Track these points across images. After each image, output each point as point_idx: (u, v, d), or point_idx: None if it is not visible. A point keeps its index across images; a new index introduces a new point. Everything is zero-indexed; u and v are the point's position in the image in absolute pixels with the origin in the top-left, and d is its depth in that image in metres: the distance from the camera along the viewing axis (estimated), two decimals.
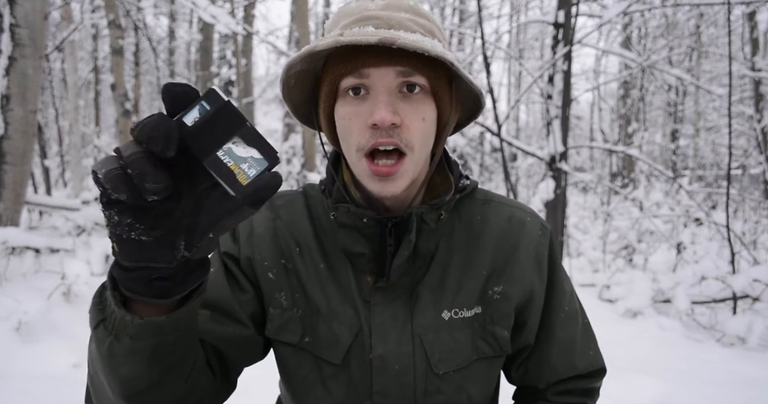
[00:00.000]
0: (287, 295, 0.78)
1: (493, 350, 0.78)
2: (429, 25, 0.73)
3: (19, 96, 3.85)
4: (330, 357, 0.75)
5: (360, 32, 0.65)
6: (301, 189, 0.86)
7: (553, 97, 4.93)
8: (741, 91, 11.97)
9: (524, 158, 11.47)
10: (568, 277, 0.87)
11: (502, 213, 0.83)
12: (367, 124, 0.68)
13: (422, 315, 0.75)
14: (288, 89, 0.75)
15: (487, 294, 0.78)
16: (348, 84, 0.69)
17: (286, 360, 0.79)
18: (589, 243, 6.56)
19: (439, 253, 0.78)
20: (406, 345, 0.74)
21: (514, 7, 11.55)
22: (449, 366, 0.75)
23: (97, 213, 4.72)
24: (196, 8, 4.71)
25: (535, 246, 0.81)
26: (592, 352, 0.86)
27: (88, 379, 0.64)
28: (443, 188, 0.79)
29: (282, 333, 0.77)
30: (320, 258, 0.78)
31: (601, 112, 14.27)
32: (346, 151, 0.73)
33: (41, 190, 7.94)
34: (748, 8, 7.88)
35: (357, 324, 0.75)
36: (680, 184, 5.58)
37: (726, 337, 3.77)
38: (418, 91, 0.70)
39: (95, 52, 10.38)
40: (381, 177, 0.69)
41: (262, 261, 0.79)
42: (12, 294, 3.19)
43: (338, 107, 0.72)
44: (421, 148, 0.71)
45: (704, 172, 13.31)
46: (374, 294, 0.75)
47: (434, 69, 0.70)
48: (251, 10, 11.49)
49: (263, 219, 0.81)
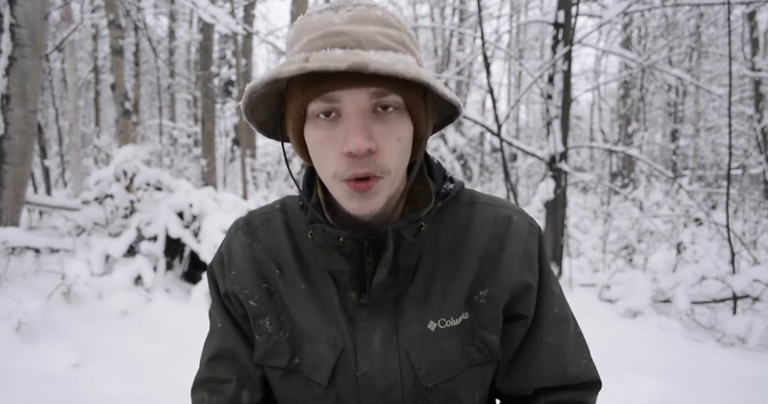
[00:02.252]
0: (272, 319, 0.77)
1: (483, 355, 0.75)
2: (399, 36, 0.68)
3: (19, 96, 3.85)
4: (317, 377, 0.74)
5: (327, 56, 0.60)
6: (278, 204, 0.84)
7: (553, 97, 4.93)
8: (741, 91, 11.97)
9: (524, 158, 11.48)
10: (557, 281, 0.83)
11: (488, 215, 0.79)
12: (342, 151, 0.64)
13: (407, 328, 0.73)
14: (251, 110, 0.71)
15: (473, 299, 0.75)
16: (317, 108, 0.65)
17: (276, 384, 0.79)
18: (589, 243, 6.56)
19: (422, 264, 0.75)
20: (392, 361, 0.73)
21: (514, 7, 11.56)
22: (438, 377, 0.73)
23: (97, 213, 4.72)
24: (196, 8, 4.71)
25: (523, 245, 0.77)
26: (585, 361, 0.80)
27: None
28: (423, 198, 0.76)
29: (270, 358, 0.77)
30: (301, 278, 0.77)
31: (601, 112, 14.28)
32: (321, 174, 0.70)
33: (41, 190, 7.94)
34: (748, 8, 7.88)
35: (341, 343, 0.74)
36: (680, 184, 5.57)
37: (726, 337, 3.77)
38: (392, 110, 0.66)
39: (95, 52, 10.39)
40: (359, 193, 0.66)
41: (243, 290, 0.78)
42: (12, 294, 3.19)
43: (308, 130, 0.68)
44: (397, 169, 0.68)
45: (704, 172, 13.31)
46: (359, 310, 0.73)
47: (408, 86, 0.66)
48: (251, 10, 11.48)
49: (240, 245, 0.80)
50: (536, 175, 12.48)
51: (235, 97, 9.56)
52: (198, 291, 4.01)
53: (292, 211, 0.82)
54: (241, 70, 8.25)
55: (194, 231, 4.41)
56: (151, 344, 3.21)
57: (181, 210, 4.45)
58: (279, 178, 11.47)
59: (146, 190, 4.96)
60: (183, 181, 4.94)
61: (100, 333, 3.23)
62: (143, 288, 3.96)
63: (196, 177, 11.33)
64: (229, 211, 4.56)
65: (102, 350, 3.01)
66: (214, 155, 9.61)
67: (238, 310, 0.80)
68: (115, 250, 4.16)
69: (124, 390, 2.56)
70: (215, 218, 4.32)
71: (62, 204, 4.97)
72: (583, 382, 0.79)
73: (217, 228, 4.25)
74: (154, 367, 2.86)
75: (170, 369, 2.82)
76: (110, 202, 4.65)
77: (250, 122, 0.74)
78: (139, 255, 4.17)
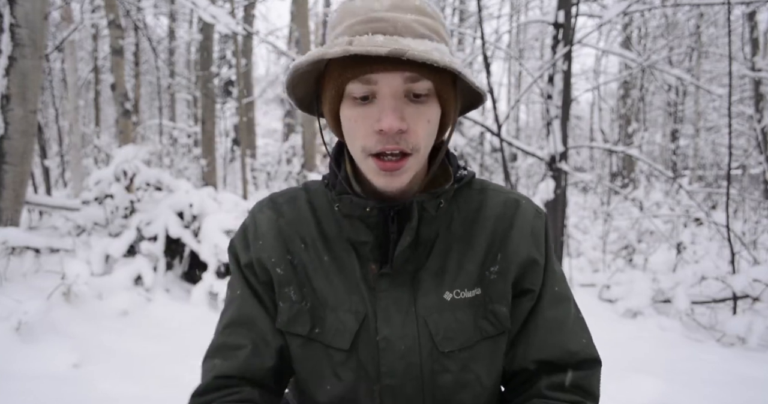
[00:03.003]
0: (296, 289, 0.81)
1: (495, 328, 0.79)
2: (434, 25, 0.74)
3: (19, 96, 3.85)
4: (339, 344, 0.78)
5: (369, 41, 0.66)
6: (302, 185, 0.89)
7: (553, 97, 4.93)
8: (741, 91, 11.96)
9: (524, 158, 11.47)
10: (558, 264, 0.88)
11: (498, 199, 0.85)
12: (374, 129, 0.70)
13: (425, 298, 0.78)
14: (293, 86, 0.78)
15: (485, 275, 0.80)
16: (354, 89, 0.71)
17: (295, 351, 0.82)
18: (589, 243, 6.56)
19: (439, 241, 0.80)
20: (411, 326, 0.77)
21: (514, 7, 11.55)
22: (454, 344, 0.77)
23: (97, 213, 4.71)
24: (196, 8, 4.71)
25: (530, 225, 0.83)
26: (585, 340, 0.82)
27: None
28: (443, 179, 0.83)
29: (292, 325, 0.81)
30: (324, 251, 0.81)
31: (601, 112, 14.28)
32: (352, 149, 0.76)
33: (41, 190, 7.93)
34: (748, 8, 7.88)
35: (363, 310, 0.78)
36: (680, 184, 5.57)
37: (726, 337, 3.77)
38: (424, 95, 0.71)
39: (95, 52, 10.39)
40: (387, 172, 0.72)
41: (270, 258, 0.82)
42: (12, 294, 3.19)
43: (344, 108, 0.74)
44: (426, 148, 0.75)
45: (704, 172, 13.31)
46: (379, 280, 0.78)
47: (440, 73, 0.71)
48: (251, 10, 11.49)
49: (266, 219, 0.85)
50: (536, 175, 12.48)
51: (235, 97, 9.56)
52: (198, 291, 4.00)
53: (315, 191, 0.87)
54: (241, 70, 8.25)
55: (194, 231, 4.41)
56: (151, 344, 3.21)
57: (181, 211, 4.45)
58: (279, 178, 11.47)
59: (146, 190, 4.96)
60: (183, 181, 4.94)
61: (100, 333, 3.23)
62: (143, 288, 3.96)
63: (196, 177, 11.33)
64: (229, 211, 4.56)
65: (102, 350, 3.01)
66: (214, 155, 9.61)
67: (261, 277, 0.83)
68: (115, 250, 4.16)
69: (124, 390, 2.56)
70: (215, 218, 4.32)
71: (62, 205, 4.97)
72: (583, 359, 0.80)
73: (217, 228, 4.24)
74: (154, 367, 2.86)
75: (170, 369, 2.82)
76: (110, 202, 4.65)
77: (290, 97, 0.80)
78: (139, 255, 4.17)
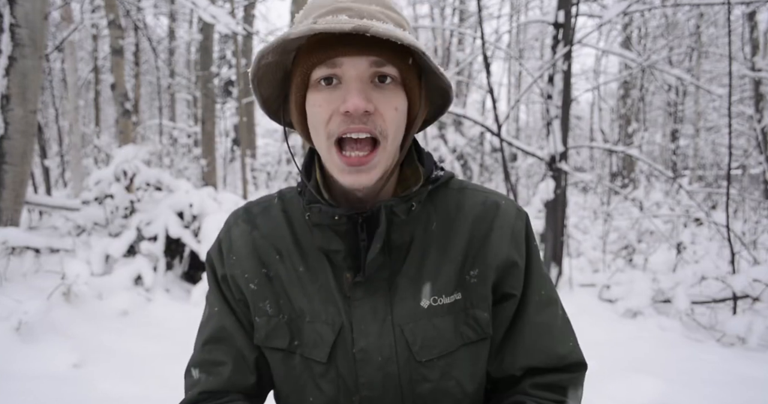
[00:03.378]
0: (272, 302, 0.80)
1: (476, 333, 0.78)
2: (398, 19, 0.74)
3: (19, 96, 3.85)
4: (317, 356, 0.77)
5: (333, 20, 0.66)
6: (276, 194, 0.88)
7: (553, 97, 4.93)
8: (741, 91, 11.97)
9: (524, 158, 11.47)
10: (543, 265, 0.86)
11: (477, 199, 0.83)
12: (340, 111, 0.69)
13: (401, 305, 0.76)
14: (258, 82, 0.75)
15: (464, 278, 0.78)
16: (320, 74, 0.70)
17: (276, 365, 0.81)
18: (589, 243, 6.56)
19: (415, 243, 0.79)
20: (387, 336, 0.76)
21: (514, 7, 11.55)
22: (432, 353, 0.76)
23: (97, 213, 4.71)
24: (196, 8, 4.71)
25: (510, 226, 0.81)
26: (572, 344, 0.82)
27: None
28: (413, 180, 0.80)
29: (271, 339, 0.80)
30: (300, 262, 0.80)
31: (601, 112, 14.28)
32: (317, 141, 0.74)
33: (41, 190, 7.94)
34: (748, 8, 7.88)
35: (339, 321, 0.77)
36: (680, 184, 5.57)
37: (726, 337, 3.77)
38: (390, 82, 0.71)
39: (95, 52, 10.38)
40: (353, 167, 0.70)
41: (243, 274, 0.81)
42: (12, 294, 3.19)
43: (309, 96, 0.73)
44: (394, 138, 0.72)
45: (704, 172, 13.31)
46: (354, 289, 0.76)
47: (405, 60, 0.71)
48: (251, 10, 11.48)
49: (241, 233, 0.84)
50: (536, 175, 12.48)
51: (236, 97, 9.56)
52: (198, 291, 4.00)
53: (289, 200, 0.85)
54: (241, 70, 8.25)
55: (194, 231, 4.41)
56: (151, 344, 3.21)
57: (181, 211, 4.45)
58: (279, 178, 11.47)
59: (146, 190, 4.96)
60: (183, 181, 4.94)
61: (100, 333, 3.23)
62: (143, 288, 3.96)
63: (196, 177, 11.34)
64: (229, 211, 4.56)
65: (102, 350, 3.01)
66: (214, 155, 9.61)
67: (235, 295, 0.83)
68: (115, 250, 4.16)
69: (124, 390, 2.56)
70: (215, 218, 4.32)
71: (62, 205, 4.97)
72: (570, 363, 0.80)
73: (217, 228, 4.24)
74: (154, 367, 2.86)
75: (170, 369, 2.81)
76: (110, 202, 4.65)
77: (256, 94, 0.77)
78: (139, 255, 4.17)
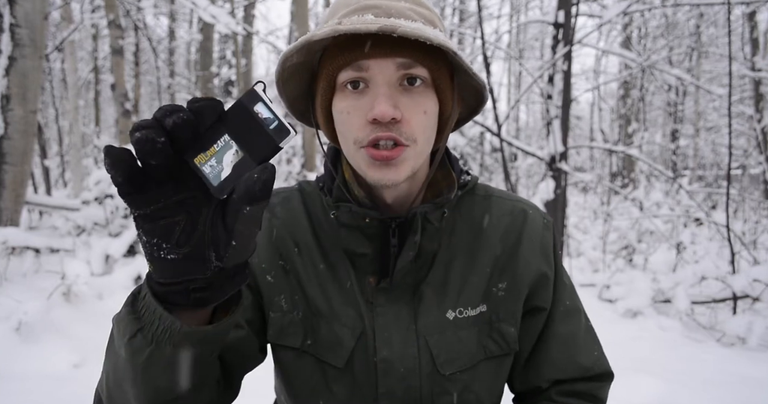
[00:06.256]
0: (287, 298, 0.76)
1: (500, 348, 0.75)
2: (429, 15, 0.70)
3: (19, 96, 3.85)
4: (333, 361, 0.74)
5: (359, 20, 0.63)
6: (296, 185, 0.84)
7: (553, 97, 4.93)
8: (741, 91, 11.96)
9: (524, 158, 11.47)
10: (568, 274, 0.85)
11: (504, 208, 0.80)
12: (367, 119, 0.65)
13: (426, 315, 0.74)
14: (283, 83, 0.72)
15: (491, 291, 0.76)
16: (346, 77, 0.67)
17: (287, 364, 0.77)
18: (589, 243, 6.56)
19: (441, 251, 0.76)
20: (411, 347, 0.73)
21: (514, 7, 11.55)
22: (456, 366, 0.73)
23: (97, 213, 4.71)
24: (196, 8, 4.71)
25: (539, 238, 0.79)
26: (597, 353, 0.81)
27: (103, 392, 0.62)
28: (444, 184, 0.76)
29: (283, 337, 0.76)
30: (320, 258, 0.76)
31: (601, 112, 14.27)
32: (344, 145, 0.70)
33: (41, 190, 7.94)
34: (748, 8, 7.88)
35: (360, 326, 0.73)
36: (680, 184, 5.58)
37: (726, 337, 3.77)
38: (419, 84, 0.67)
39: (95, 52, 10.39)
40: (381, 162, 0.66)
41: (260, 264, 0.77)
42: (12, 294, 3.19)
43: (336, 101, 0.69)
44: (423, 141, 0.68)
45: (704, 172, 13.31)
46: (377, 294, 0.73)
47: (435, 60, 0.67)
48: (251, 10, 11.48)
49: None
50: (536, 175, 12.48)
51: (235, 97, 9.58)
52: None
53: (309, 194, 0.81)
54: (241, 70, 8.25)
55: None
56: None
57: None
58: (279, 178, 11.48)
59: None
60: None
61: (100, 333, 3.23)
62: None
63: None
64: None
65: (102, 350, 2.98)
66: None
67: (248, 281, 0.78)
68: (115, 250, 4.16)
69: None
70: None
71: (62, 205, 4.97)
72: (597, 374, 0.79)
73: None
74: None
75: None
76: (110, 202, 4.65)
77: (282, 96, 0.74)
78: (139, 255, 4.17)
